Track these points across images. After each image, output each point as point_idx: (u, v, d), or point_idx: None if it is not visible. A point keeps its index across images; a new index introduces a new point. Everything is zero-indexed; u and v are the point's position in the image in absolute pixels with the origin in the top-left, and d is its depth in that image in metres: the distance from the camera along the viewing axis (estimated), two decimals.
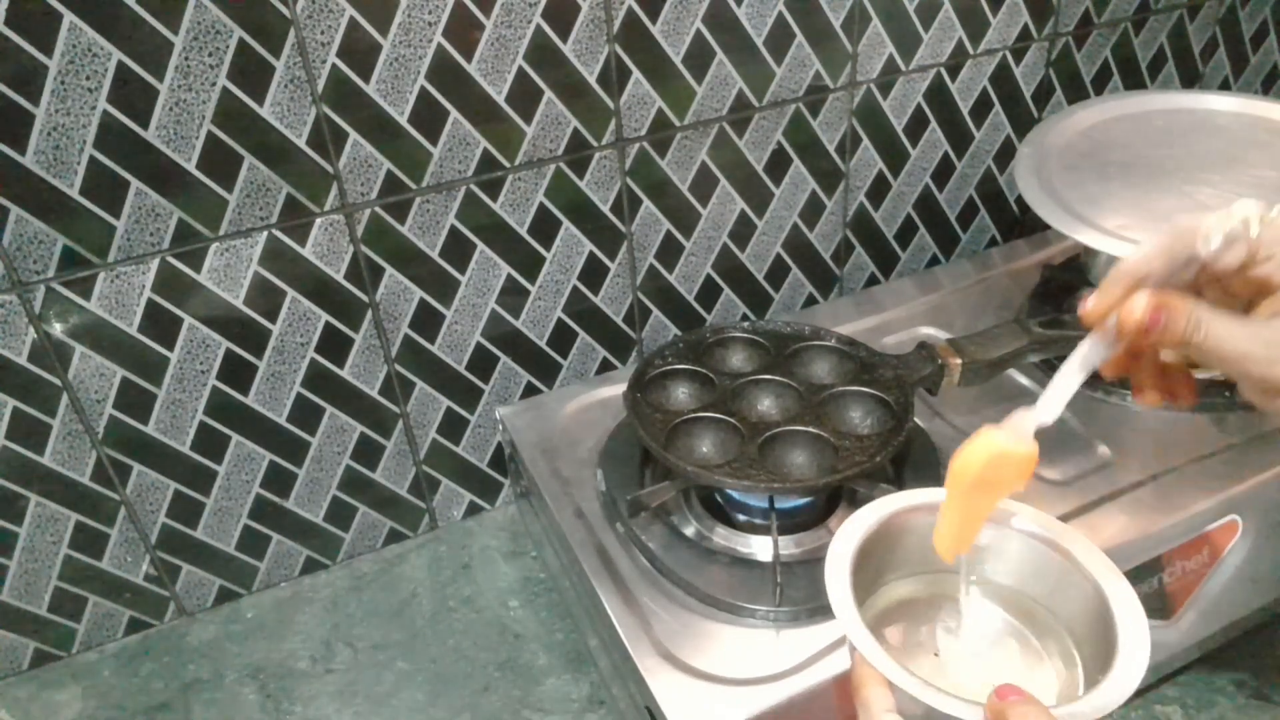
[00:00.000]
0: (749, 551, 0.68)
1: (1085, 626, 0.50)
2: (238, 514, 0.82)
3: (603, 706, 0.74)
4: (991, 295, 0.94)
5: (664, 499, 0.69)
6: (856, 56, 0.86)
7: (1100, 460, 0.73)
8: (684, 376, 0.77)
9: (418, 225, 0.76)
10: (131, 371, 0.72)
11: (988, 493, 0.50)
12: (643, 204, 0.84)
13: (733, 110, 0.83)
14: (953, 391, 0.71)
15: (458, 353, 0.83)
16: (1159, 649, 0.69)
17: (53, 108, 0.61)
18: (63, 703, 0.77)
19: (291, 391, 0.78)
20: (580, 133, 0.78)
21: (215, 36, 0.63)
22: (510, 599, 0.83)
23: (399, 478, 0.87)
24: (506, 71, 0.73)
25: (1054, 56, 0.96)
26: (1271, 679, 0.71)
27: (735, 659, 0.61)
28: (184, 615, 0.84)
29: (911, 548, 0.54)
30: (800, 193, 0.91)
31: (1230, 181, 0.78)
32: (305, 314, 0.75)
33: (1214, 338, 0.41)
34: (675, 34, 0.77)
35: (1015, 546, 0.53)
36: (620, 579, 0.67)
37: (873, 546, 0.52)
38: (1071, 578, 0.51)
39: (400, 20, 0.68)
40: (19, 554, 0.75)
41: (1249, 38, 1.09)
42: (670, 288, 0.89)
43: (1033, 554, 0.52)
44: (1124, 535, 0.67)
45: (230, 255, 0.71)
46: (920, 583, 0.55)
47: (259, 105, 0.66)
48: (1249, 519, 0.70)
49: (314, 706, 0.76)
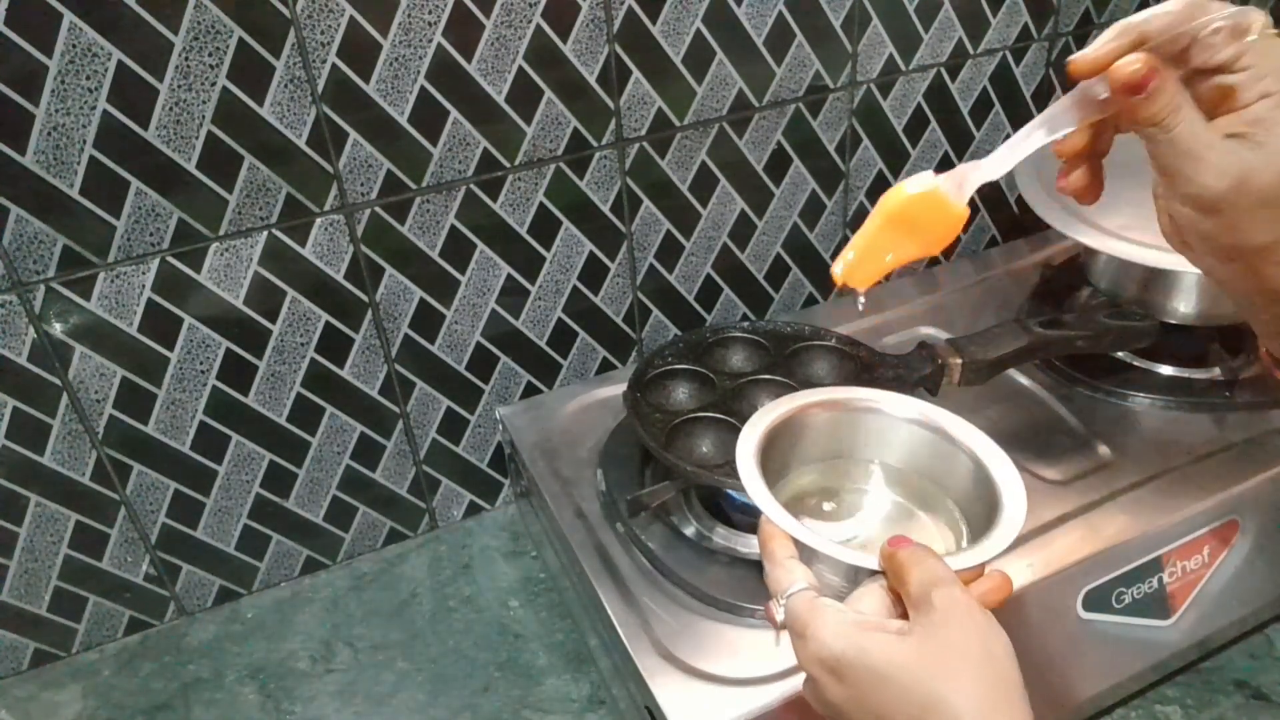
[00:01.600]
0: (749, 551, 0.68)
1: (969, 497, 0.55)
2: (238, 514, 0.82)
3: (603, 706, 0.74)
4: (991, 295, 0.94)
5: (664, 499, 0.69)
6: (856, 56, 0.86)
7: (1100, 460, 0.73)
8: (684, 376, 0.77)
9: (418, 225, 0.76)
10: (131, 371, 0.72)
11: (906, 234, 0.49)
12: (643, 204, 0.83)
13: (733, 110, 0.83)
14: (953, 391, 0.71)
15: (458, 353, 0.83)
16: (1159, 649, 0.70)
17: (53, 108, 0.61)
18: (63, 703, 0.77)
19: (291, 391, 0.78)
20: (580, 133, 0.78)
21: (215, 36, 0.63)
22: (510, 599, 0.83)
23: (399, 478, 0.87)
24: (506, 71, 0.73)
25: (1054, 56, 0.96)
26: (1271, 679, 0.71)
27: (735, 659, 0.61)
28: (184, 615, 0.84)
29: (812, 441, 0.59)
30: (800, 193, 0.91)
31: None
32: (305, 314, 0.75)
33: (1185, 124, 0.41)
34: (675, 34, 0.77)
35: (903, 433, 0.58)
36: (620, 579, 0.67)
37: (777, 439, 0.56)
38: (954, 455, 0.56)
39: (400, 20, 0.68)
40: (19, 554, 0.75)
41: None
42: (670, 288, 0.89)
43: (918, 438, 0.58)
44: (1124, 535, 0.67)
45: (230, 255, 0.71)
46: (820, 473, 0.59)
47: (259, 105, 0.66)
48: (1249, 519, 0.70)
49: (314, 706, 0.76)
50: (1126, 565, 0.67)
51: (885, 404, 0.59)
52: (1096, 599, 0.66)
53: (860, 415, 0.59)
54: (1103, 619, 0.67)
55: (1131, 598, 0.67)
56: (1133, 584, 0.67)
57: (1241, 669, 0.72)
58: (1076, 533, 0.67)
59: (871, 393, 0.60)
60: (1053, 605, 0.66)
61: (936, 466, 0.57)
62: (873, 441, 0.59)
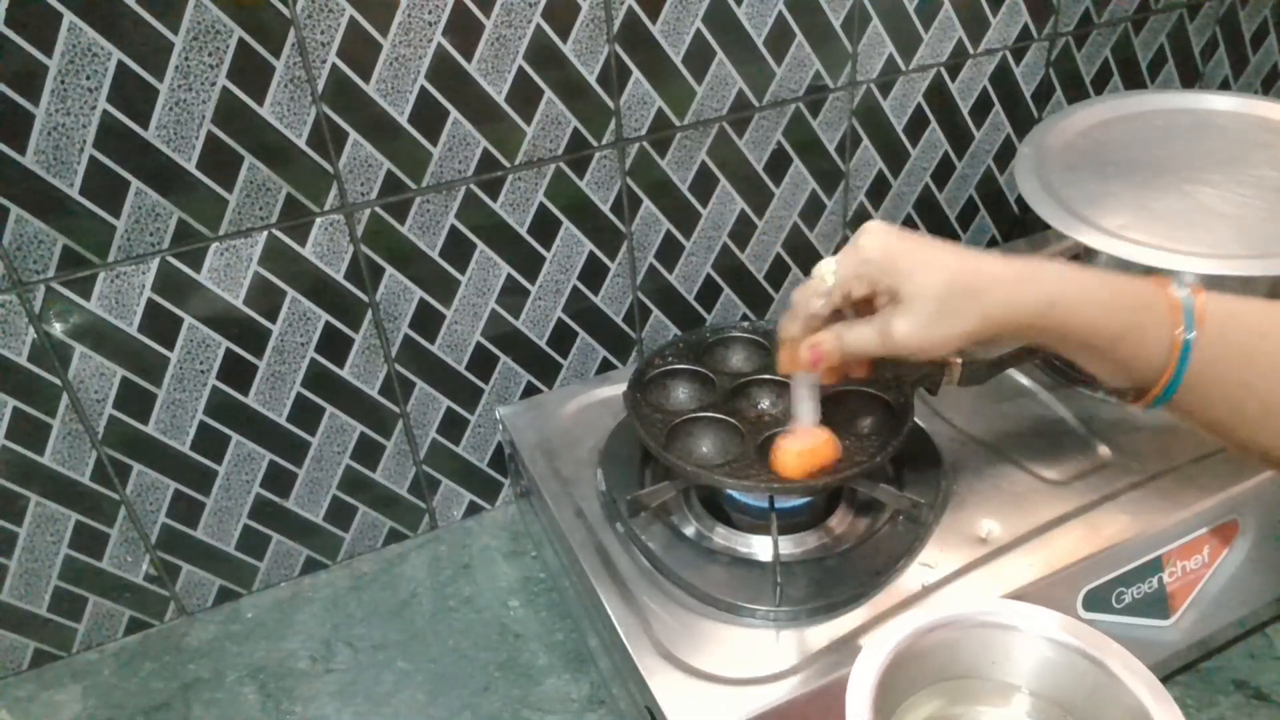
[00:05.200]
0: (749, 551, 0.68)
1: None
2: (238, 514, 0.82)
3: (603, 706, 0.74)
4: None
5: (664, 499, 0.69)
6: (856, 56, 0.86)
7: (1100, 460, 0.73)
8: (684, 376, 0.77)
9: (418, 225, 0.76)
10: (131, 371, 0.72)
11: (818, 465, 0.64)
12: (643, 204, 0.83)
13: (733, 110, 0.83)
14: (953, 391, 0.71)
15: (458, 353, 0.83)
16: (1159, 649, 0.70)
17: (53, 108, 0.61)
18: (63, 703, 0.77)
19: (291, 391, 0.78)
20: (580, 133, 0.78)
21: (215, 36, 0.63)
22: (510, 599, 0.83)
23: (399, 478, 0.87)
24: (506, 71, 0.73)
25: (1054, 56, 0.96)
26: (1271, 679, 0.71)
27: (735, 659, 0.61)
28: (184, 615, 0.84)
29: (930, 664, 0.53)
30: (800, 193, 0.91)
31: (1230, 181, 0.78)
32: (305, 314, 0.75)
33: (853, 339, 0.56)
34: (675, 34, 0.77)
35: (1048, 656, 0.52)
36: (620, 579, 0.67)
37: (891, 674, 0.51)
38: (1109, 691, 0.50)
39: (400, 20, 0.68)
40: (19, 554, 0.75)
41: (1249, 38, 1.09)
42: (670, 288, 0.89)
43: (1072, 669, 0.51)
44: (1124, 535, 0.67)
45: (230, 255, 0.71)
46: (942, 696, 0.54)
47: (259, 105, 0.66)
48: (1249, 519, 0.70)
49: (314, 706, 0.76)
50: (1126, 565, 0.67)
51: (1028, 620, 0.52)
52: (1096, 599, 0.66)
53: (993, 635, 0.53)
54: (1103, 619, 0.67)
55: (1131, 598, 0.67)
56: (1133, 584, 0.67)
57: (1241, 669, 0.72)
58: (1076, 533, 0.67)
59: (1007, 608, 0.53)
60: (1053, 605, 0.65)
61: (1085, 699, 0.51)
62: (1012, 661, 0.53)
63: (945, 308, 0.52)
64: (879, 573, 0.65)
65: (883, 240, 0.54)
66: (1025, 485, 0.72)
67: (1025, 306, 0.53)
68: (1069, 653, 0.51)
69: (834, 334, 0.56)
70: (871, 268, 0.54)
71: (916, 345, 0.53)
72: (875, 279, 0.54)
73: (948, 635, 0.53)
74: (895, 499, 0.68)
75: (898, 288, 0.53)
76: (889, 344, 0.54)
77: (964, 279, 0.52)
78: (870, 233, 0.55)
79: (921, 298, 0.52)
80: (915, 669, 0.52)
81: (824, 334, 0.57)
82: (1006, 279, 0.53)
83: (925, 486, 0.70)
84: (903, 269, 0.53)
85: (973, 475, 0.73)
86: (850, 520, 0.71)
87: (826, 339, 0.57)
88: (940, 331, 0.53)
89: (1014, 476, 0.73)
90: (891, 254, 0.54)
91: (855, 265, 0.55)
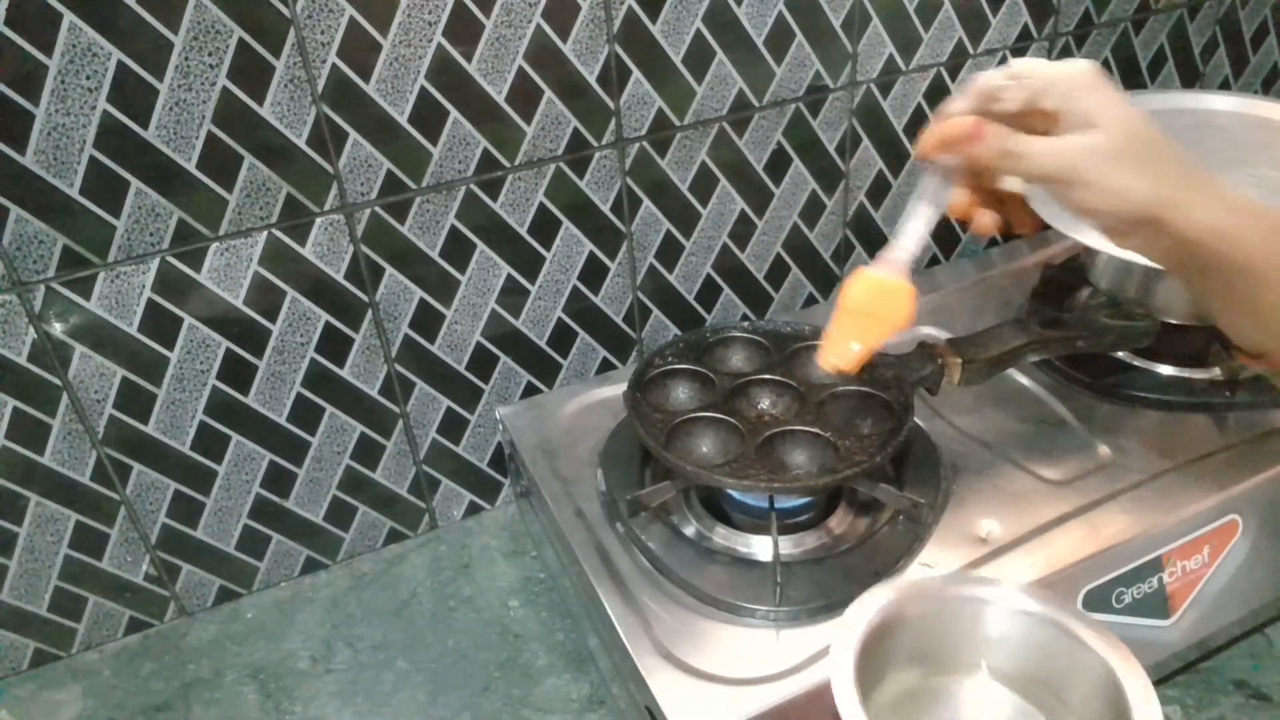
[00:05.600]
0: (749, 551, 0.68)
1: (1096, 708, 0.50)
2: (238, 514, 0.82)
3: (603, 706, 0.74)
4: (991, 295, 0.94)
5: (664, 499, 0.69)
6: (856, 56, 0.86)
7: (1100, 460, 0.73)
8: (684, 376, 0.77)
9: (418, 225, 0.76)
10: (131, 371, 0.72)
11: (869, 320, 0.57)
12: (643, 204, 0.84)
13: (733, 110, 0.83)
14: (953, 391, 0.71)
15: (458, 353, 0.83)
16: (1159, 649, 0.70)
17: (53, 108, 0.61)
18: (63, 703, 0.77)
19: (291, 391, 0.78)
20: (580, 133, 0.78)
21: (215, 36, 0.63)
22: (510, 599, 0.83)
23: (399, 478, 0.87)
24: (506, 71, 0.73)
25: (1054, 57, 0.96)
26: (1271, 679, 0.71)
27: (735, 659, 0.61)
28: (184, 615, 0.84)
29: (907, 639, 0.55)
30: (800, 192, 0.91)
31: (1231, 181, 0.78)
32: (305, 314, 0.75)
33: (1023, 144, 0.50)
34: (675, 34, 0.77)
35: (1021, 629, 0.53)
36: (620, 579, 0.67)
37: (873, 643, 0.53)
38: (1081, 658, 0.51)
39: (400, 20, 0.68)
40: (19, 554, 0.75)
41: (1249, 38, 1.09)
42: (670, 288, 0.89)
43: (1041, 636, 0.53)
44: (1124, 535, 0.67)
45: (230, 255, 0.71)
46: (920, 672, 0.56)
47: (259, 105, 0.67)
48: (1249, 519, 0.70)
49: (314, 706, 0.76)
50: (1126, 565, 0.67)
51: (993, 594, 0.54)
52: (1096, 599, 0.66)
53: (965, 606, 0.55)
54: (1103, 619, 0.67)
55: (1131, 597, 0.67)
56: (1133, 584, 0.67)
57: (1241, 669, 0.72)
58: (1076, 532, 0.67)
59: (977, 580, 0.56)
60: None
61: (1060, 670, 0.52)
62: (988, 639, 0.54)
63: (1131, 152, 0.49)
64: (879, 573, 0.65)
65: (1089, 68, 0.50)
66: (1025, 485, 0.72)
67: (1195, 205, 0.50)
68: (1036, 620, 0.53)
69: (1004, 130, 0.51)
70: (1074, 82, 0.50)
71: (1092, 178, 0.49)
72: (1073, 96, 0.49)
73: (922, 608, 0.55)
74: (895, 499, 0.68)
75: (1094, 114, 0.49)
76: (1063, 166, 0.49)
77: (1156, 138, 0.50)
78: (1078, 61, 0.51)
79: (1113, 132, 0.49)
80: (892, 643, 0.54)
81: (993, 124, 0.51)
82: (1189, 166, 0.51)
83: (925, 486, 0.70)
84: (1101, 98, 0.49)
85: (973, 475, 0.73)
86: (850, 520, 0.71)
87: (996, 124, 0.51)
88: (1117, 176, 0.49)
89: (1014, 476, 0.73)
90: (1096, 82, 0.50)
91: (1056, 74, 0.50)
